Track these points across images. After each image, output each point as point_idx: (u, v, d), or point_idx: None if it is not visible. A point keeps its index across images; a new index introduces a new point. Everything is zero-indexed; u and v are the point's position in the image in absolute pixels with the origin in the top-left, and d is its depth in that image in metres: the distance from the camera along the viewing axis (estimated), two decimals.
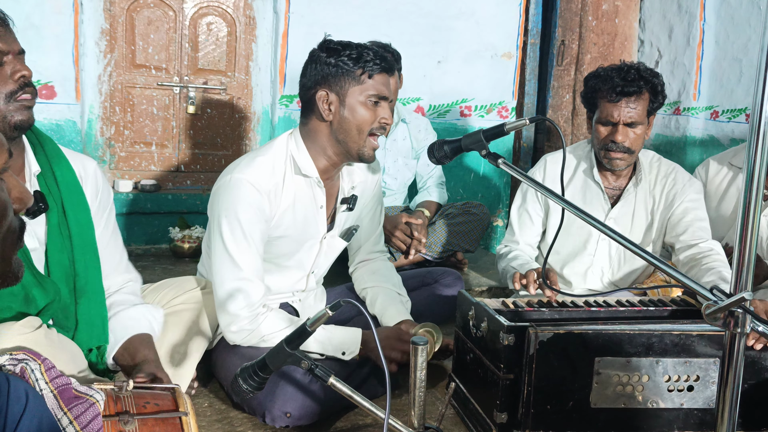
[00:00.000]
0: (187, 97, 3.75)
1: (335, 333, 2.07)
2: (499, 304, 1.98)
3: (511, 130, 1.72)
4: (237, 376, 1.50)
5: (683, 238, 2.41)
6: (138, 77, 3.67)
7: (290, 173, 2.08)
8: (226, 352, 2.04)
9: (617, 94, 2.33)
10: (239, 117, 3.88)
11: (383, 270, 2.44)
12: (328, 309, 1.41)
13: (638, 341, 1.70)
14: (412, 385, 1.48)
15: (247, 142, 3.91)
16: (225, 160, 3.89)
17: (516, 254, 2.54)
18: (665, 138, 4.34)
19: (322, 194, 2.12)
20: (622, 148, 2.38)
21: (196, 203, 3.67)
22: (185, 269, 3.21)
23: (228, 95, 3.85)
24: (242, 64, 3.84)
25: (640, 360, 1.71)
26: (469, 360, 1.93)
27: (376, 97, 2.02)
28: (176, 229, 3.48)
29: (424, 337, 1.54)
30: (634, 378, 1.71)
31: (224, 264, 1.99)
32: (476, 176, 4.27)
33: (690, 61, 4.16)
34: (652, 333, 1.71)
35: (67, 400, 1.29)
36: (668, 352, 1.72)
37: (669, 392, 1.73)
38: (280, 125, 3.81)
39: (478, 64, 4.13)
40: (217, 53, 3.80)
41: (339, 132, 2.04)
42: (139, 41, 3.63)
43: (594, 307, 2.01)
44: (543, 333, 1.67)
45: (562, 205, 1.55)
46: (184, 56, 3.74)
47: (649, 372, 1.71)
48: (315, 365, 1.46)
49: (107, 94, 3.61)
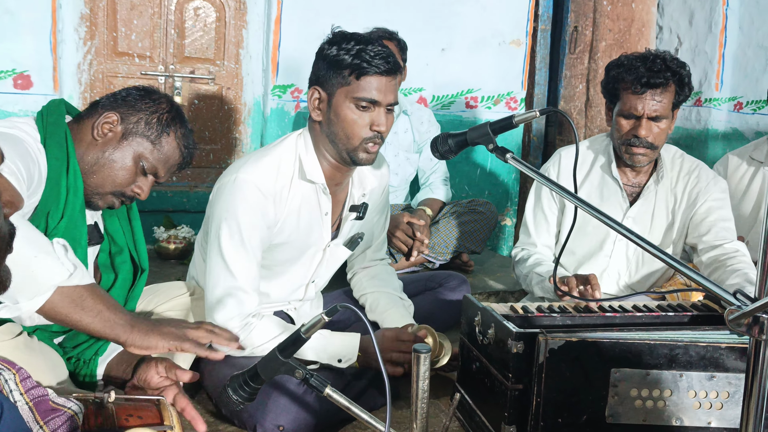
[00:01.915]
0: (173, 87, 3.75)
1: (331, 339, 2.08)
2: (507, 309, 1.98)
3: (521, 122, 1.72)
4: (226, 387, 1.50)
5: (706, 239, 2.41)
6: (120, 66, 3.66)
7: (297, 176, 2.07)
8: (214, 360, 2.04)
9: (642, 85, 2.32)
10: (228, 109, 3.88)
11: (383, 274, 2.44)
12: (324, 314, 1.40)
13: (660, 352, 1.68)
14: (414, 395, 1.48)
15: (237, 135, 3.91)
16: (213, 155, 3.89)
17: (538, 258, 2.54)
18: (685, 131, 4.33)
19: (327, 201, 2.12)
20: (645, 144, 2.37)
21: (182, 201, 3.67)
22: (171, 272, 3.20)
23: (216, 85, 3.84)
24: (232, 52, 3.84)
25: (661, 373, 1.68)
26: (475, 369, 1.93)
27: (365, 101, 1.96)
28: (161, 228, 3.48)
29: (428, 345, 1.54)
30: (655, 392, 1.70)
31: (218, 270, 1.99)
32: (483, 172, 4.27)
33: (712, 49, 4.16)
34: (675, 344, 1.68)
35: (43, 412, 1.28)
36: (693, 365, 1.69)
37: (695, 409, 1.71)
38: (272, 117, 3.81)
39: (484, 52, 4.12)
40: (204, 40, 3.80)
41: (329, 133, 2.03)
42: (122, 27, 3.63)
43: (609, 312, 2.01)
44: (554, 340, 1.66)
45: (575, 203, 1.55)
46: (170, 43, 3.73)
47: (672, 386, 1.70)
48: (310, 375, 1.46)
49: (87, 84, 3.61)
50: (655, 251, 1.36)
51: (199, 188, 3.77)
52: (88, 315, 1.54)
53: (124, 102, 1.84)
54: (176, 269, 3.26)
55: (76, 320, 1.54)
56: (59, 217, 1.68)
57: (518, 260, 2.62)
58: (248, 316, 1.99)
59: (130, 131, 1.80)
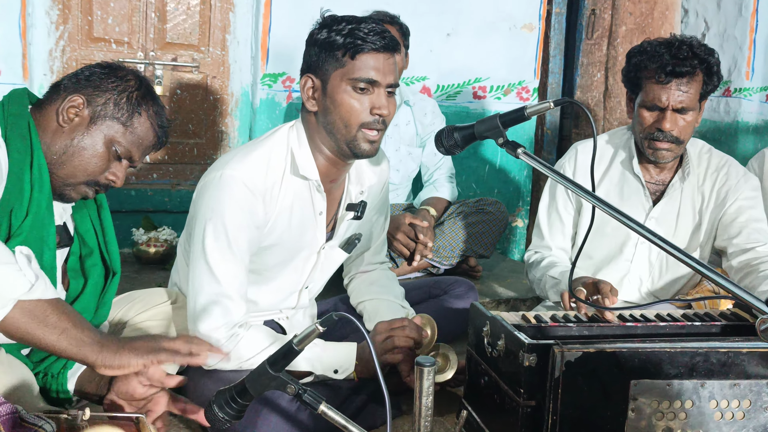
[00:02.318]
0: (154, 75, 3.75)
1: (326, 349, 2.08)
2: (518, 319, 1.98)
3: (533, 114, 1.72)
4: (212, 403, 1.50)
5: (737, 242, 2.41)
6: (96, 52, 3.67)
7: (289, 172, 2.08)
8: (199, 374, 2.04)
9: (667, 74, 2.32)
10: (214, 99, 3.88)
11: (383, 280, 2.44)
12: (318, 324, 1.41)
13: (679, 361, 1.71)
14: (417, 413, 1.48)
15: (224, 128, 3.92)
16: (198, 150, 3.89)
17: (551, 260, 2.54)
18: (713, 124, 4.34)
19: (322, 199, 2.12)
20: (669, 138, 2.37)
21: (163, 200, 3.67)
22: (151, 278, 3.21)
23: (201, 74, 3.84)
24: (218, 38, 3.84)
25: (682, 383, 1.71)
26: (484, 384, 1.93)
27: (362, 82, 1.96)
28: (140, 230, 3.48)
29: (431, 358, 1.54)
30: (675, 404, 1.71)
31: (202, 275, 1.99)
32: (492, 169, 4.27)
33: (742, 34, 4.16)
34: (695, 351, 1.71)
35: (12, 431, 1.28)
36: (714, 373, 1.72)
37: (716, 420, 1.73)
38: (262, 109, 3.81)
39: (493, 38, 4.13)
40: (188, 24, 3.80)
41: (325, 124, 2.03)
42: (97, 11, 3.63)
43: (630, 322, 2.01)
44: (570, 352, 1.66)
45: (592, 203, 1.55)
46: (150, 28, 3.74)
47: (693, 397, 1.72)
48: (303, 390, 1.46)
49: (60, 72, 3.61)
50: (681, 255, 1.36)
51: (182, 186, 3.78)
52: (52, 333, 1.52)
53: (88, 82, 1.81)
54: (157, 275, 3.26)
55: (38, 338, 1.51)
56: (23, 215, 1.67)
57: (531, 263, 2.62)
58: (235, 326, 1.99)
59: (99, 114, 1.79)
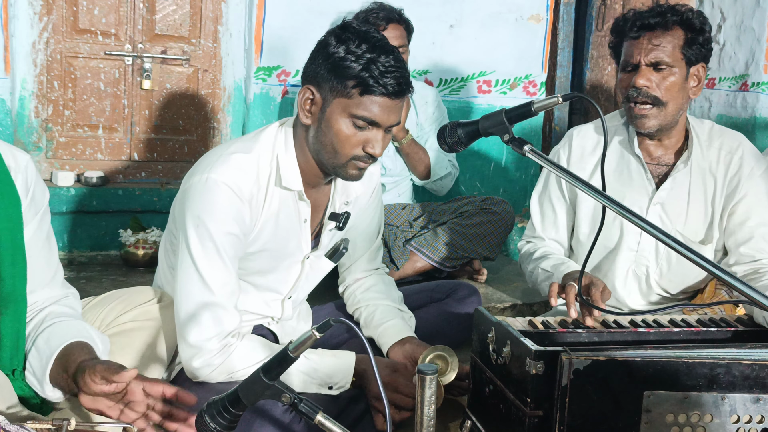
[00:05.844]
0: (142, 69, 3.75)
1: (323, 360, 2.08)
2: (525, 324, 1.98)
3: (540, 110, 1.72)
4: (203, 413, 1.50)
5: (744, 250, 2.35)
6: (81, 45, 3.67)
7: (273, 183, 2.07)
8: (189, 382, 2.04)
9: (638, 28, 2.28)
10: (205, 94, 3.88)
11: (380, 285, 2.43)
12: (314, 330, 1.40)
13: (699, 372, 1.69)
14: (419, 423, 1.48)
15: (215, 124, 3.92)
16: (188, 147, 3.90)
17: (544, 251, 2.48)
18: (729, 119, 4.34)
19: (306, 206, 2.12)
20: (646, 96, 2.27)
21: (152, 200, 3.67)
22: (139, 281, 3.21)
23: (192, 67, 3.85)
24: (209, 29, 3.84)
25: (701, 395, 1.69)
26: (488, 393, 1.93)
27: (363, 121, 1.95)
28: (128, 231, 3.48)
29: (433, 365, 1.54)
30: (693, 417, 1.70)
31: (191, 283, 1.98)
32: (497, 167, 4.27)
33: (760, 26, 4.16)
34: (716, 362, 1.69)
35: None
36: (737, 386, 1.70)
37: None
38: (255, 104, 3.81)
39: (499, 29, 4.13)
40: (178, 15, 3.80)
41: (315, 142, 2.02)
42: (83, 1, 3.63)
43: (642, 328, 2.01)
44: (579, 360, 1.66)
45: (593, 196, 1.55)
46: (138, 19, 3.74)
47: (713, 410, 1.70)
48: (299, 399, 1.46)
49: (43, 66, 3.61)
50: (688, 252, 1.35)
51: (172, 186, 3.77)
52: None
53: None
54: (146, 278, 3.25)
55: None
56: None
57: (523, 254, 2.57)
58: (228, 335, 1.98)
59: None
